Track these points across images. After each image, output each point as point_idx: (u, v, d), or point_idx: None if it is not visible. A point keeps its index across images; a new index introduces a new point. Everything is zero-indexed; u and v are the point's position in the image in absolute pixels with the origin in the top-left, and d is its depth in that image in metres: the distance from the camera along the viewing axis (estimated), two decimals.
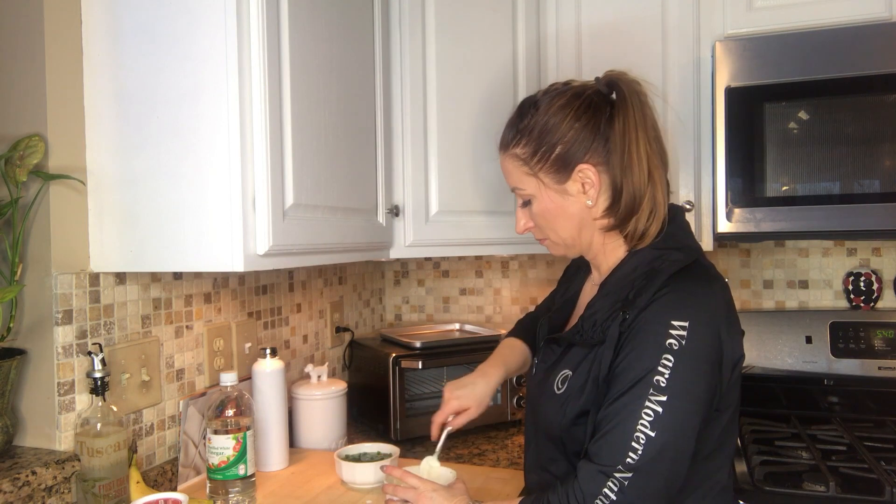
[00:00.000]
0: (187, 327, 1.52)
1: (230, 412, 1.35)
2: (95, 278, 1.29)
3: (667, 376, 0.97)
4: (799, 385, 1.94)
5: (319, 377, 1.78)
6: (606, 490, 0.97)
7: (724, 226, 1.66)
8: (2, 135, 1.22)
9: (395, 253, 1.68)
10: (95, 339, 1.28)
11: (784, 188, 1.62)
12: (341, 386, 1.77)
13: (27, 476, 1.13)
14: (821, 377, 1.92)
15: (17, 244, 1.19)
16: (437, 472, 1.29)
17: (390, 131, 1.65)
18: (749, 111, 1.63)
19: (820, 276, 2.04)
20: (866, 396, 1.89)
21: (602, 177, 1.11)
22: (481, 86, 1.78)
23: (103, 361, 1.23)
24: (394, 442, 1.74)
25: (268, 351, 1.59)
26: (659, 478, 0.97)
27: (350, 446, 1.55)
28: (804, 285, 2.06)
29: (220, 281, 1.62)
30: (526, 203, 1.20)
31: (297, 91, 1.26)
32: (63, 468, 1.19)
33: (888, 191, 1.54)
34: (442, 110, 1.71)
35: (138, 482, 1.27)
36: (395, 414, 1.82)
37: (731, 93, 1.64)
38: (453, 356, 1.94)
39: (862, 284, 1.97)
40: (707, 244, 1.77)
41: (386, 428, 1.84)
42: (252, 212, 1.18)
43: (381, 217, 1.60)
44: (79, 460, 1.21)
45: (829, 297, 2.04)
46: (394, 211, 1.65)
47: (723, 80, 1.65)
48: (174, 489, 1.44)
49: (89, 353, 1.24)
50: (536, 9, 1.87)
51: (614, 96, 1.13)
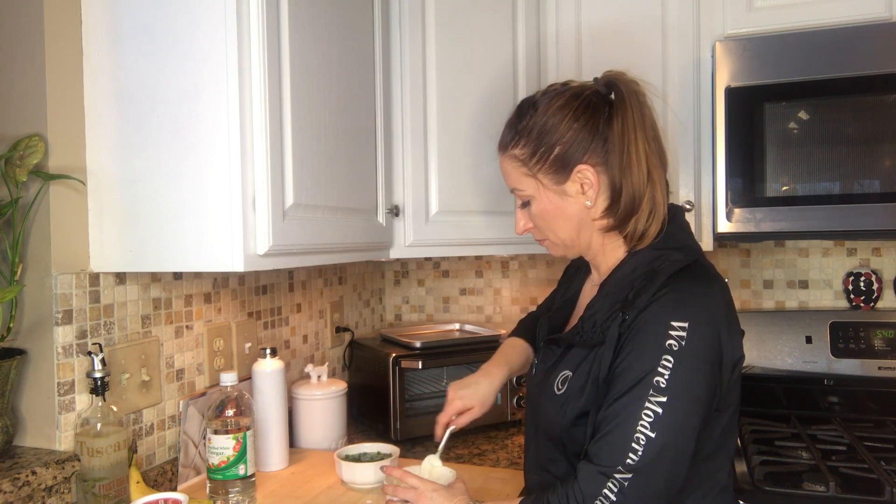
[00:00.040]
0: (187, 327, 1.52)
1: (230, 412, 1.36)
2: (95, 278, 1.29)
3: (666, 377, 0.97)
4: (799, 385, 1.94)
5: (319, 377, 1.78)
6: (606, 491, 0.97)
7: (724, 226, 1.66)
8: (2, 135, 1.22)
9: (395, 253, 1.68)
10: (95, 339, 1.28)
11: (784, 188, 1.62)
12: (341, 386, 1.77)
13: (27, 476, 1.13)
14: (821, 377, 1.92)
15: (17, 244, 1.19)
16: (439, 472, 1.29)
17: (390, 131, 1.65)
18: (749, 111, 1.63)
19: (820, 276, 2.04)
20: (866, 396, 1.89)
21: (601, 177, 1.11)
22: (481, 86, 1.78)
23: (103, 361, 1.23)
24: (394, 442, 1.73)
25: (268, 351, 1.59)
26: (659, 479, 0.97)
27: (350, 446, 1.55)
28: (804, 285, 2.06)
29: (220, 281, 1.62)
30: (525, 204, 1.19)
31: (297, 91, 1.26)
32: (63, 468, 1.19)
33: (888, 191, 1.54)
34: (442, 110, 1.71)
35: (138, 482, 1.27)
36: (395, 414, 1.82)
37: (731, 93, 1.64)
38: (453, 356, 1.94)
39: (862, 284, 1.97)
40: (707, 244, 1.77)
41: (386, 428, 1.84)
42: (252, 212, 1.18)
43: (381, 217, 1.60)
44: (79, 460, 1.21)
45: (829, 297, 2.04)
46: (394, 211, 1.65)
47: (723, 80, 1.65)
48: (174, 489, 1.44)
49: (89, 353, 1.24)
50: (536, 9, 1.87)
51: (613, 96, 1.13)
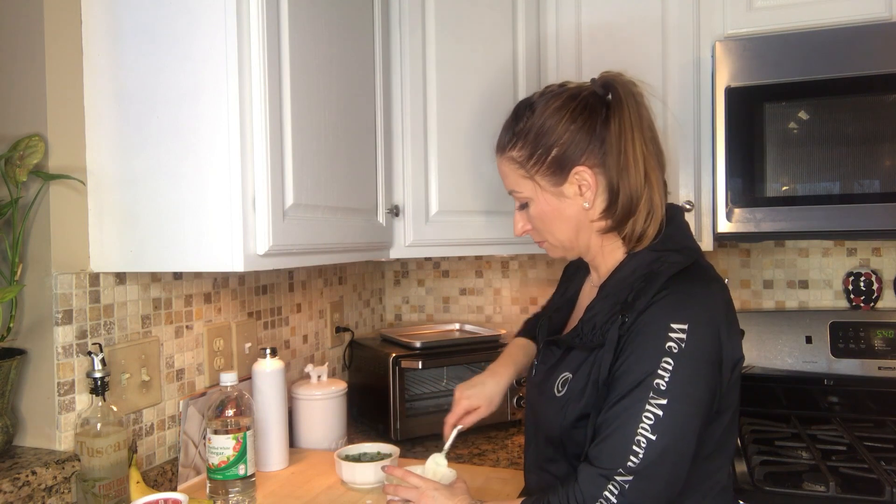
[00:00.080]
0: (187, 327, 1.52)
1: (230, 412, 1.36)
2: (95, 278, 1.29)
3: (667, 379, 0.97)
4: (799, 385, 1.94)
5: (319, 377, 1.78)
6: (607, 493, 0.97)
7: (724, 226, 1.65)
8: (2, 135, 1.22)
9: (395, 253, 1.68)
10: (95, 339, 1.28)
11: (784, 188, 1.62)
12: (341, 386, 1.77)
13: (27, 476, 1.13)
14: (821, 377, 1.92)
15: (17, 244, 1.19)
16: (442, 472, 1.29)
17: (390, 131, 1.65)
18: (749, 111, 1.63)
19: (820, 276, 2.04)
20: (866, 396, 1.89)
21: (598, 179, 1.11)
22: (481, 86, 1.78)
23: (103, 361, 1.23)
24: (394, 442, 1.74)
25: (268, 351, 1.59)
26: (660, 481, 0.97)
27: (350, 446, 1.56)
28: (804, 285, 2.06)
29: (220, 281, 1.62)
30: (523, 206, 1.19)
31: (297, 91, 1.26)
32: (63, 468, 1.19)
33: (888, 191, 1.54)
34: (442, 110, 1.71)
35: (138, 482, 1.27)
36: (395, 414, 1.82)
37: (731, 93, 1.64)
38: (453, 356, 1.94)
39: (862, 284, 1.97)
40: (707, 244, 1.77)
41: (386, 428, 1.84)
42: (252, 212, 1.18)
43: (381, 217, 1.60)
44: (79, 460, 1.21)
45: (829, 297, 2.04)
46: (394, 211, 1.65)
47: (723, 80, 1.65)
48: (174, 489, 1.44)
49: (89, 353, 1.24)
50: (536, 9, 1.87)
51: (610, 97, 1.12)
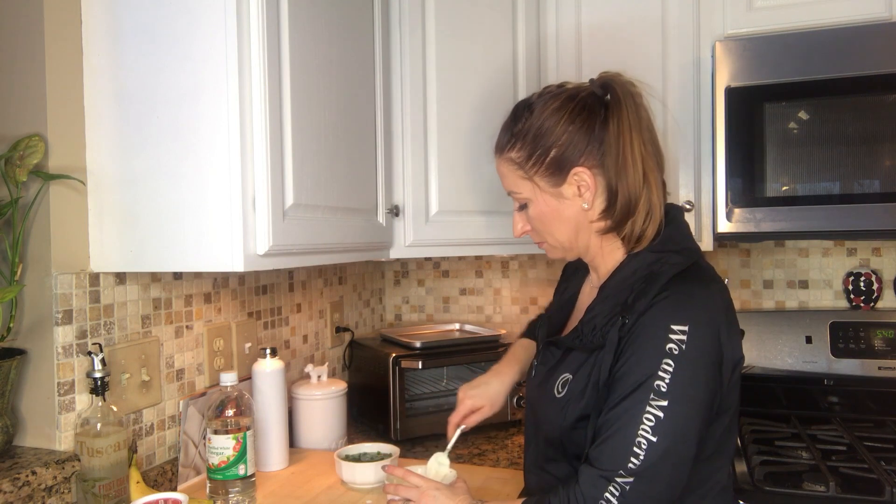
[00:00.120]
0: (187, 327, 1.52)
1: (230, 412, 1.36)
2: (95, 278, 1.29)
3: (667, 381, 0.97)
4: (799, 385, 1.94)
5: (319, 377, 1.78)
6: (608, 495, 0.96)
7: (724, 226, 1.65)
8: (2, 135, 1.22)
9: (395, 253, 1.68)
10: (95, 339, 1.28)
11: (784, 188, 1.62)
12: (341, 386, 1.77)
13: (27, 476, 1.13)
14: (821, 377, 1.92)
15: (17, 244, 1.19)
16: (445, 472, 1.29)
17: (390, 131, 1.65)
18: (749, 111, 1.63)
19: (820, 276, 2.04)
20: (866, 396, 1.89)
21: (597, 179, 1.10)
22: (481, 86, 1.78)
23: (103, 361, 1.23)
24: (394, 442, 1.73)
25: (268, 351, 1.59)
26: (661, 482, 0.97)
27: (350, 446, 1.55)
28: (804, 285, 2.06)
29: (220, 281, 1.62)
30: (522, 207, 1.19)
31: (297, 91, 1.26)
32: (63, 468, 1.19)
33: (888, 191, 1.54)
34: (442, 110, 1.71)
35: (138, 482, 1.27)
36: (395, 414, 1.82)
37: (731, 93, 1.64)
38: (453, 356, 1.94)
39: (862, 284, 1.97)
40: (707, 244, 1.77)
41: (386, 428, 1.84)
42: (252, 212, 1.18)
43: (381, 217, 1.60)
44: (79, 460, 1.21)
45: (829, 297, 2.04)
46: (394, 211, 1.65)
47: (723, 80, 1.65)
48: (174, 489, 1.44)
49: (89, 353, 1.24)
50: (536, 9, 1.87)
51: (608, 98, 1.12)
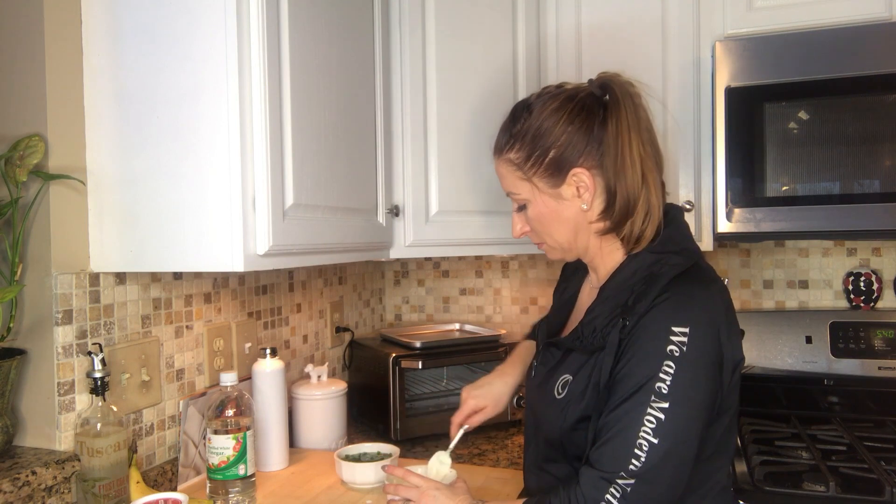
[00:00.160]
0: (187, 327, 1.52)
1: (230, 412, 1.36)
2: (95, 278, 1.29)
3: (668, 383, 0.97)
4: (799, 385, 1.94)
5: (319, 377, 1.78)
6: (609, 496, 0.96)
7: (724, 226, 1.65)
8: (2, 135, 1.22)
9: (395, 253, 1.68)
10: (95, 339, 1.28)
11: (784, 188, 1.62)
12: (341, 386, 1.77)
13: (27, 476, 1.13)
14: (821, 377, 1.92)
15: (17, 244, 1.19)
16: (445, 471, 1.29)
17: (390, 131, 1.65)
18: (749, 111, 1.63)
19: (820, 276, 2.04)
20: (866, 396, 1.89)
21: (596, 180, 1.10)
22: (481, 86, 1.78)
23: (103, 361, 1.23)
24: (394, 442, 1.73)
25: (268, 351, 1.59)
26: (662, 484, 0.97)
27: (350, 446, 1.56)
28: (804, 285, 2.06)
29: (220, 281, 1.62)
30: (521, 207, 1.19)
31: (297, 91, 1.26)
32: (63, 468, 1.19)
33: (888, 191, 1.54)
34: (442, 110, 1.71)
35: (138, 482, 1.27)
36: (395, 414, 1.82)
37: (731, 93, 1.64)
38: (453, 356, 1.94)
39: (862, 284, 1.97)
40: (707, 244, 1.77)
41: (386, 428, 1.84)
42: (252, 212, 1.18)
43: (381, 217, 1.60)
44: (79, 460, 1.21)
45: (829, 297, 2.04)
46: (394, 211, 1.65)
47: (723, 80, 1.65)
48: (174, 489, 1.44)
49: (89, 353, 1.24)
50: (536, 9, 1.87)
51: (607, 98, 1.11)
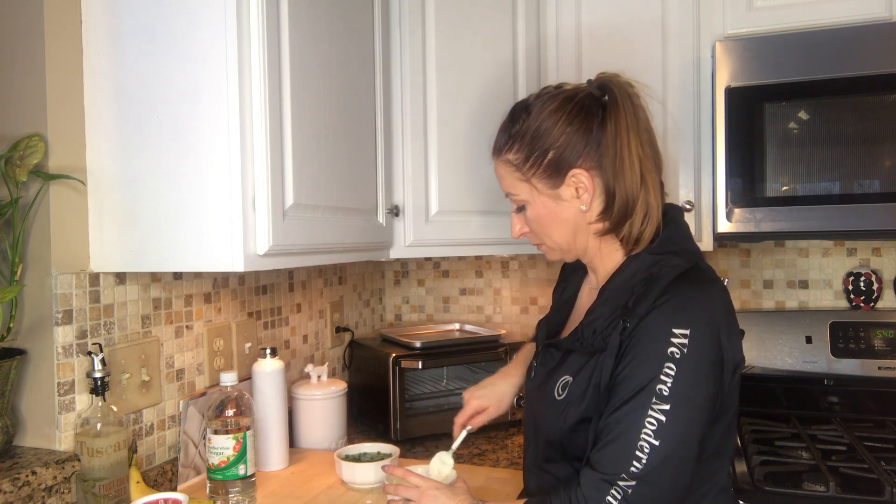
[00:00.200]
0: (187, 327, 1.52)
1: (230, 412, 1.36)
2: (95, 278, 1.29)
3: (669, 385, 0.97)
4: (799, 385, 1.94)
5: (319, 377, 1.78)
6: (610, 498, 0.96)
7: (724, 226, 1.66)
8: (2, 135, 1.22)
9: (395, 253, 1.68)
10: (95, 339, 1.28)
11: (784, 188, 1.62)
12: (341, 386, 1.77)
13: (27, 476, 1.13)
14: (821, 377, 1.92)
15: (17, 244, 1.19)
16: (446, 472, 1.29)
17: (390, 131, 1.65)
18: (749, 111, 1.63)
19: (820, 276, 2.04)
20: (866, 396, 1.89)
21: (595, 181, 1.10)
22: (481, 86, 1.78)
23: (103, 361, 1.23)
24: (394, 442, 1.74)
25: (268, 351, 1.59)
26: (663, 486, 0.97)
27: (350, 446, 1.56)
28: (804, 285, 2.06)
29: (220, 281, 1.62)
30: (520, 208, 1.18)
31: (297, 91, 1.26)
32: (63, 468, 1.19)
33: (888, 191, 1.54)
34: (442, 110, 1.71)
35: (138, 482, 1.27)
36: (395, 414, 1.82)
37: (731, 93, 1.64)
38: (453, 356, 1.94)
39: (862, 284, 1.97)
40: (707, 244, 1.77)
41: (386, 428, 1.84)
42: (252, 212, 1.18)
43: (381, 217, 1.60)
44: (79, 460, 1.21)
45: (829, 297, 2.04)
46: (394, 211, 1.65)
47: (723, 80, 1.65)
48: (174, 489, 1.44)
49: (89, 353, 1.24)
50: (536, 9, 1.87)
51: (606, 99, 1.11)
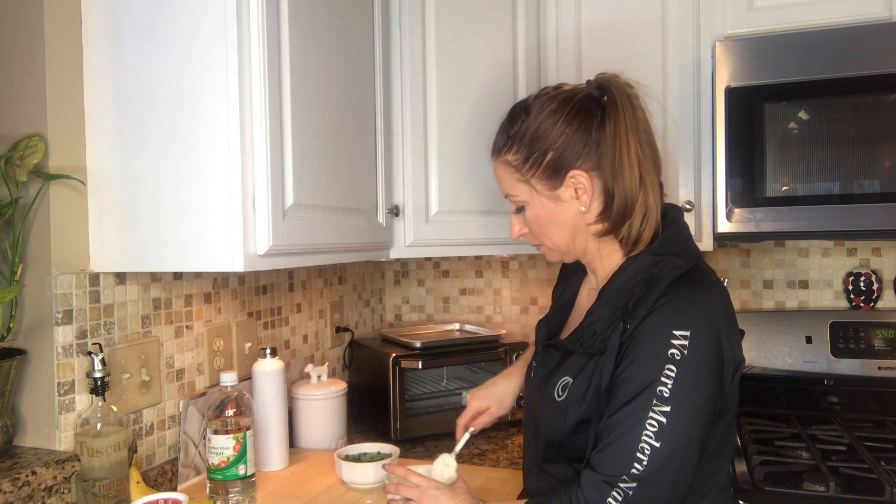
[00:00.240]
0: (187, 327, 1.52)
1: (230, 412, 1.36)
2: (95, 278, 1.29)
3: (670, 386, 0.97)
4: (799, 385, 1.94)
5: (319, 377, 1.78)
6: (611, 500, 0.96)
7: (724, 226, 1.65)
8: (2, 135, 1.22)
9: (395, 253, 1.68)
10: (95, 339, 1.28)
11: (784, 188, 1.62)
12: (341, 386, 1.77)
13: (27, 476, 1.13)
14: (821, 377, 1.92)
15: (17, 244, 1.19)
16: (449, 474, 1.29)
17: (390, 131, 1.65)
18: (749, 111, 1.63)
19: (820, 276, 2.04)
20: (866, 396, 1.89)
21: (594, 182, 1.10)
22: (481, 86, 1.78)
23: (103, 361, 1.23)
24: (394, 442, 1.74)
25: (268, 351, 1.59)
26: (664, 487, 0.97)
27: (350, 446, 1.56)
28: (804, 285, 2.06)
29: (220, 281, 1.62)
30: (519, 209, 1.18)
31: (297, 91, 1.26)
32: (63, 468, 1.19)
33: (888, 191, 1.54)
34: (442, 110, 1.71)
35: (138, 482, 1.27)
36: (395, 414, 1.82)
37: (731, 93, 1.64)
38: (453, 356, 1.94)
39: (862, 284, 1.97)
40: (707, 244, 1.77)
41: (386, 428, 1.84)
42: (252, 212, 1.18)
43: (381, 217, 1.60)
44: (79, 460, 1.21)
45: (829, 297, 2.04)
46: (394, 211, 1.65)
47: (723, 80, 1.65)
48: (174, 489, 1.44)
49: (89, 353, 1.24)
50: (536, 9, 1.87)
51: (605, 99, 1.10)
